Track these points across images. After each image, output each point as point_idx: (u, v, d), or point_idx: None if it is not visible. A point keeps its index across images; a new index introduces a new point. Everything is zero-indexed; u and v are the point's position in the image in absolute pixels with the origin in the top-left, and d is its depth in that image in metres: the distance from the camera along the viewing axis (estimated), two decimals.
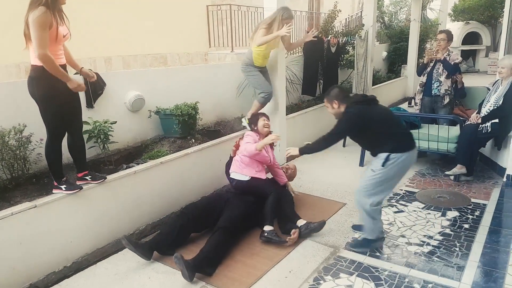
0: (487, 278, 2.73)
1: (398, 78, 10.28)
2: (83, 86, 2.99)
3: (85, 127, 3.60)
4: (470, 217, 3.66)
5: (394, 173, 2.88)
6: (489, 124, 4.31)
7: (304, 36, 5.26)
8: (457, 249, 3.12)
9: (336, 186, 4.48)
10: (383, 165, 2.84)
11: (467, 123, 4.55)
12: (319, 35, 6.99)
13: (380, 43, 11.27)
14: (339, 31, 7.85)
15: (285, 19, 4.39)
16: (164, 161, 3.71)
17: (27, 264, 2.75)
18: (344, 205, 3.97)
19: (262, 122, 3.87)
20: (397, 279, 2.76)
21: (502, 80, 4.39)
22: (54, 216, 2.89)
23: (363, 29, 7.43)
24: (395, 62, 11.06)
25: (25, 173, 3.31)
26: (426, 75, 5.33)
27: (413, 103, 7.66)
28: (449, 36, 5.18)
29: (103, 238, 3.24)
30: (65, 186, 2.97)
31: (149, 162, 3.69)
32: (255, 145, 3.57)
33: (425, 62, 5.37)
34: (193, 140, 4.48)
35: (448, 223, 3.56)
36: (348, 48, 7.66)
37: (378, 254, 3.09)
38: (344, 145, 5.93)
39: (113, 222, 3.30)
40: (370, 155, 3.11)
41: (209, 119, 5.35)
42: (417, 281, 2.73)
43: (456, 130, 4.67)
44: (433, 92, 5.24)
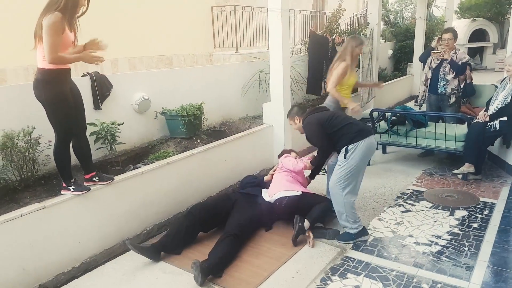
0: (497, 278, 2.70)
1: (404, 76, 10.22)
2: (99, 56, 2.94)
3: (93, 129, 3.63)
4: (479, 216, 3.63)
5: (357, 162, 3.13)
6: (497, 122, 4.27)
7: (374, 83, 5.74)
8: (466, 248, 3.09)
9: None
10: (345, 156, 3.14)
11: (475, 121, 4.51)
12: (324, 34, 6.98)
13: (385, 41, 11.21)
14: (344, 30, 7.82)
15: (356, 47, 4.25)
16: (170, 162, 3.73)
17: (36, 264, 2.78)
18: None
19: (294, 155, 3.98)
20: (405, 279, 2.74)
21: (510, 78, 4.35)
22: (62, 217, 2.91)
23: (368, 27, 7.40)
24: (401, 60, 10.99)
25: (34, 175, 3.34)
26: (431, 71, 5.24)
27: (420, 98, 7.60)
28: (455, 34, 5.11)
29: (111, 238, 3.26)
30: (73, 187, 2.99)
31: (155, 163, 3.70)
32: (304, 161, 3.66)
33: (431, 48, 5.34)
34: (198, 141, 4.49)
35: (457, 222, 3.54)
36: None
37: (385, 254, 3.08)
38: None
39: (120, 223, 3.32)
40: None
41: (214, 119, 5.36)
42: (426, 281, 2.71)
43: (463, 128, 4.64)
44: (439, 91, 5.17)
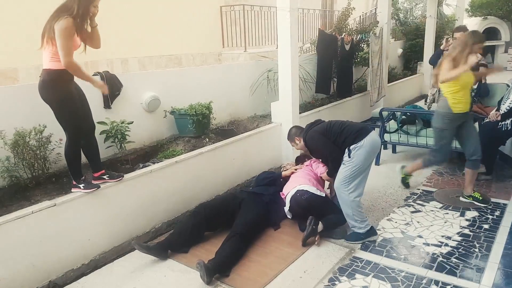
0: (508, 280, 2.67)
1: (414, 75, 10.13)
2: (105, 86, 3.14)
3: (103, 127, 3.67)
4: (490, 217, 3.58)
5: (361, 161, 3.14)
6: (509, 121, 4.21)
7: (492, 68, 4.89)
8: (476, 250, 3.06)
9: None
10: (349, 156, 3.17)
11: (486, 120, 4.45)
12: (333, 33, 6.95)
13: (395, 40, 11.12)
14: (353, 29, 7.77)
15: (475, 44, 3.50)
16: (179, 160, 3.74)
17: (46, 261, 2.82)
18: None
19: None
20: (414, 281, 2.72)
21: None
22: (73, 214, 2.95)
23: (377, 26, 7.34)
24: (411, 59, 10.89)
25: (45, 173, 3.38)
26: None
27: (428, 100, 7.51)
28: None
29: (120, 236, 3.29)
30: (83, 185, 3.03)
31: (164, 161, 3.73)
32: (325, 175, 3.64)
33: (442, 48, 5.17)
34: (207, 139, 4.51)
35: (467, 223, 3.49)
36: (362, 45, 7.58)
37: (394, 254, 3.06)
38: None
39: (129, 220, 3.35)
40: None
41: (222, 118, 5.37)
42: (435, 282, 2.68)
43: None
44: None
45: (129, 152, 4.08)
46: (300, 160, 4.12)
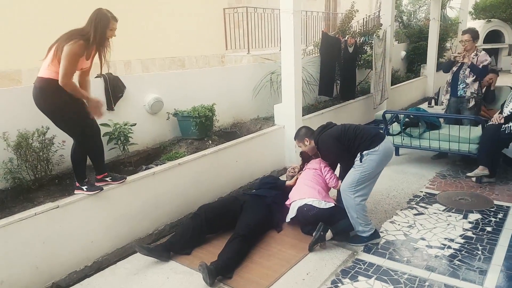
0: (511, 283, 2.65)
1: (417, 78, 10.10)
2: (101, 103, 3.07)
3: (106, 129, 3.68)
4: (493, 219, 3.56)
5: (373, 167, 3.12)
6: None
7: None
8: (479, 252, 3.04)
9: None
10: (360, 161, 3.12)
11: (489, 123, 4.43)
12: (336, 35, 6.95)
13: (398, 42, 11.10)
14: (357, 31, 7.77)
15: None
16: (182, 162, 3.75)
17: (49, 263, 2.83)
18: None
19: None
20: (417, 283, 2.71)
21: None
22: (75, 216, 2.96)
23: (381, 28, 7.34)
24: (414, 61, 10.86)
25: (48, 174, 3.40)
26: (452, 74, 5.09)
27: (433, 103, 7.49)
28: (474, 35, 4.87)
29: (123, 238, 3.30)
30: (86, 187, 3.03)
31: (167, 163, 3.73)
32: (337, 180, 3.60)
33: (452, 60, 5.09)
34: (210, 142, 4.51)
35: (470, 225, 3.48)
36: (366, 48, 7.58)
37: (397, 257, 3.05)
38: None
39: (132, 222, 3.36)
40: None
41: (225, 120, 5.38)
42: (438, 285, 2.67)
43: (478, 131, 4.56)
44: (458, 93, 5.02)
45: (132, 154, 4.10)
46: (305, 158, 3.96)
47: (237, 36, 9.15)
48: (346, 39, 6.90)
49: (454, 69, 5.06)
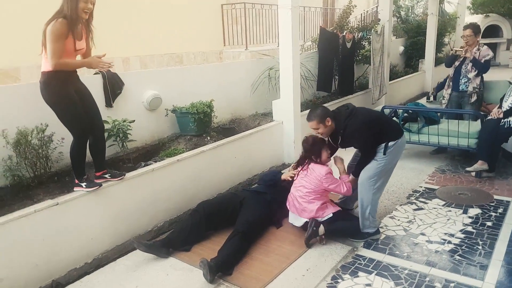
0: (511, 277, 2.65)
1: (415, 73, 10.10)
2: (100, 57, 2.96)
3: (105, 126, 3.66)
4: (493, 214, 3.57)
5: (393, 159, 3.11)
6: (511, 118, 4.19)
7: None
8: (479, 247, 3.05)
9: None
10: (384, 153, 3.03)
11: (488, 118, 4.43)
12: (334, 31, 6.93)
13: (396, 37, 11.09)
14: (355, 27, 7.75)
15: None
16: (180, 159, 3.74)
17: (49, 260, 2.82)
18: None
19: (326, 154, 3.36)
20: (417, 278, 2.71)
21: None
22: (75, 213, 2.95)
23: (379, 24, 7.32)
24: (412, 56, 10.86)
25: (47, 172, 3.38)
26: (454, 69, 5.10)
27: (431, 98, 7.49)
28: (475, 30, 4.88)
29: (122, 235, 3.29)
30: (85, 183, 3.02)
31: (166, 160, 3.72)
32: (347, 184, 3.25)
33: (454, 54, 5.10)
34: (208, 138, 4.50)
35: (470, 220, 3.48)
36: (364, 43, 7.56)
37: (397, 252, 3.05)
38: None
39: (131, 219, 3.35)
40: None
41: (224, 116, 5.36)
42: (439, 280, 2.67)
43: (477, 125, 4.56)
44: (460, 88, 5.03)
45: (130, 151, 4.08)
46: (315, 151, 3.33)
47: (235, 32, 9.11)
48: (344, 34, 6.89)
49: (456, 63, 5.06)
